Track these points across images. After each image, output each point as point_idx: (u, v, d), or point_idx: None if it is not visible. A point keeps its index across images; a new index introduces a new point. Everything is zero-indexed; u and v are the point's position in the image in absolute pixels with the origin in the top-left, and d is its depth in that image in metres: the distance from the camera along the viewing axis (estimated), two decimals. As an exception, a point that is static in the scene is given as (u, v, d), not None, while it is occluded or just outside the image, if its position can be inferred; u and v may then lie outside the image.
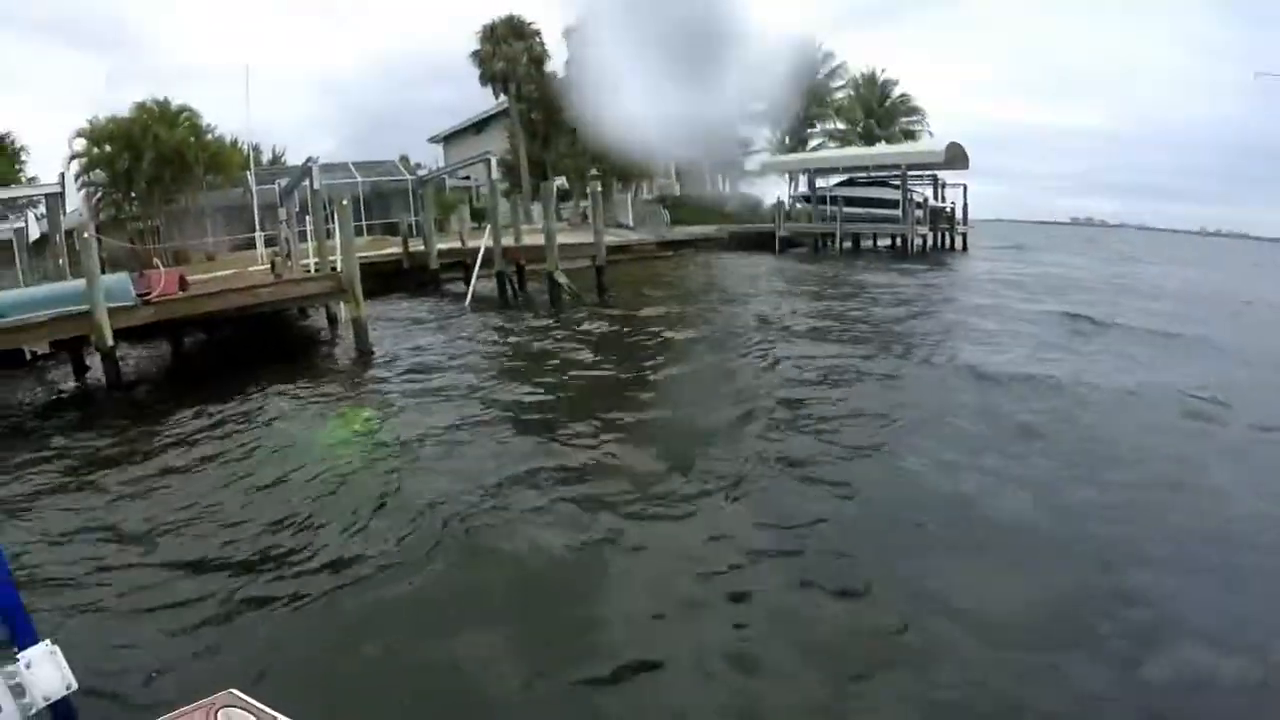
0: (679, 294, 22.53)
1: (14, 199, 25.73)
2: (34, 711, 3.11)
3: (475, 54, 39.02)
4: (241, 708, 2.11)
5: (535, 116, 39.43)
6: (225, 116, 41.62)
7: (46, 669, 3.15)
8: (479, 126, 43.58)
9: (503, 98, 39.82)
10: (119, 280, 13.85)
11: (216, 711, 2.08)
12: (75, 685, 3.21)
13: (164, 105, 30.23)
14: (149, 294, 13.77)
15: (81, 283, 13.28)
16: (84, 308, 12.91)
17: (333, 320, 17.80)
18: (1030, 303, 19.61)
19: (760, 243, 35.96)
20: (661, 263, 31.04)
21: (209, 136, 31.25)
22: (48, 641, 3.26)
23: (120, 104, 30.81)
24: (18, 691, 3.08)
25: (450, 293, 22.77)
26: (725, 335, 15.67)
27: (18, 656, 3.16)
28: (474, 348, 15.52)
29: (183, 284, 14.78)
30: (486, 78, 39.19)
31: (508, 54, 38.23)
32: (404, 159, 39.89)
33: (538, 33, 39.39)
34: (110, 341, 12.83)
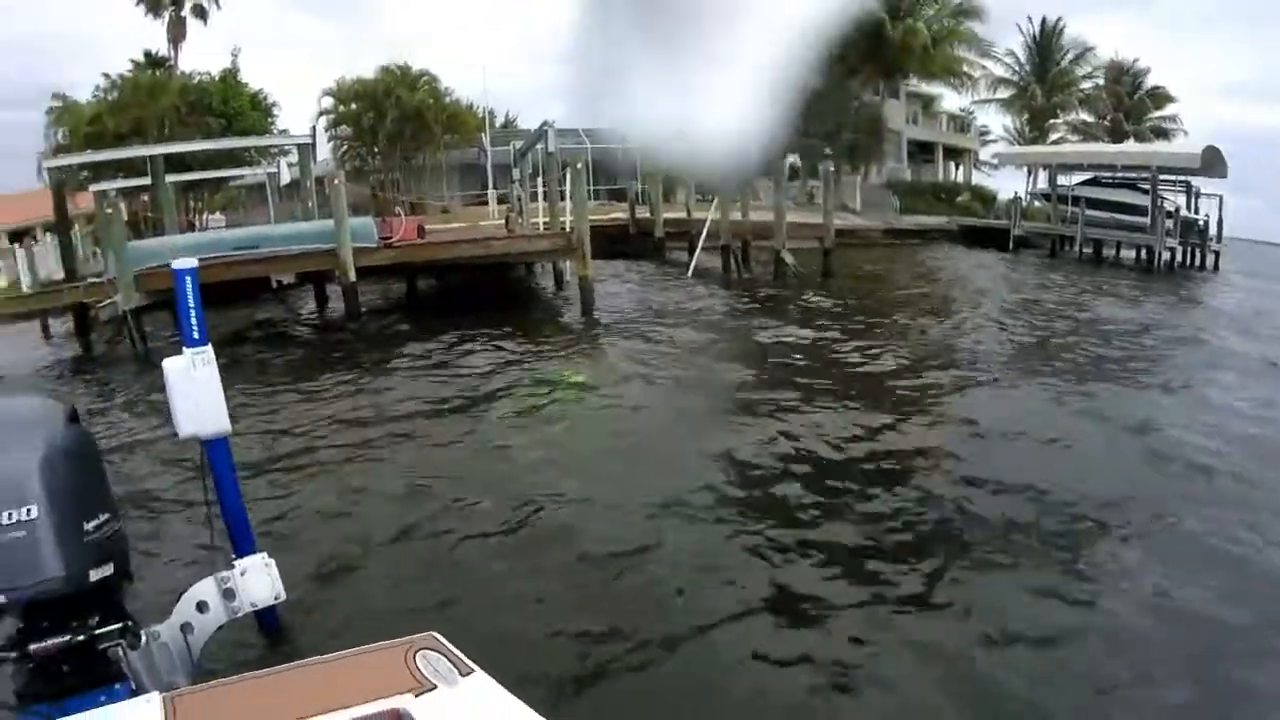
0: (906, 287, 21.01)
1: (268, 147, 27.70)
2: (240, 614, 3.29)
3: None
4: (441, 652, 2.04)
5: (765, 90, 38.43)
6: (462, 81, 43.32)
7: (258, 578, 3.31)
8: (709, 98, 42.96)
9: (740, 69, 39.13)
10: (364, 224, 14.63)
11: (416, 652, 2.03)
12: (283, 596, 3.35)
13: (405, 69, 31.97)
14: (390, 238, 14.51)
15: (330, 223, 14.05)
16: (330, 246, 13.66)
17: (559, 278, 17.94)
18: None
19: (992, 239, 32.67)
20: (887, 251, 29.39)
21: (447, 100, 32.60)
22: (264, 554, 3.41)
23: (361, 67, 32.79)
24: (228, 595, 3.25)
25: (673, 261, 22.53)
26: (958, 341, 14.09)
27: (234, 563, 3.35)
28: (694, 316, 15.15)
29: (421, 232, 15.39)
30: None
31: (744, 26, 37.48)
32: None
33: (775, 6, 38.37)
34: (353, 277, 13.68)
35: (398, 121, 30.77)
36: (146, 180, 22.31)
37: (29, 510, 2.73)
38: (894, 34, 33.17)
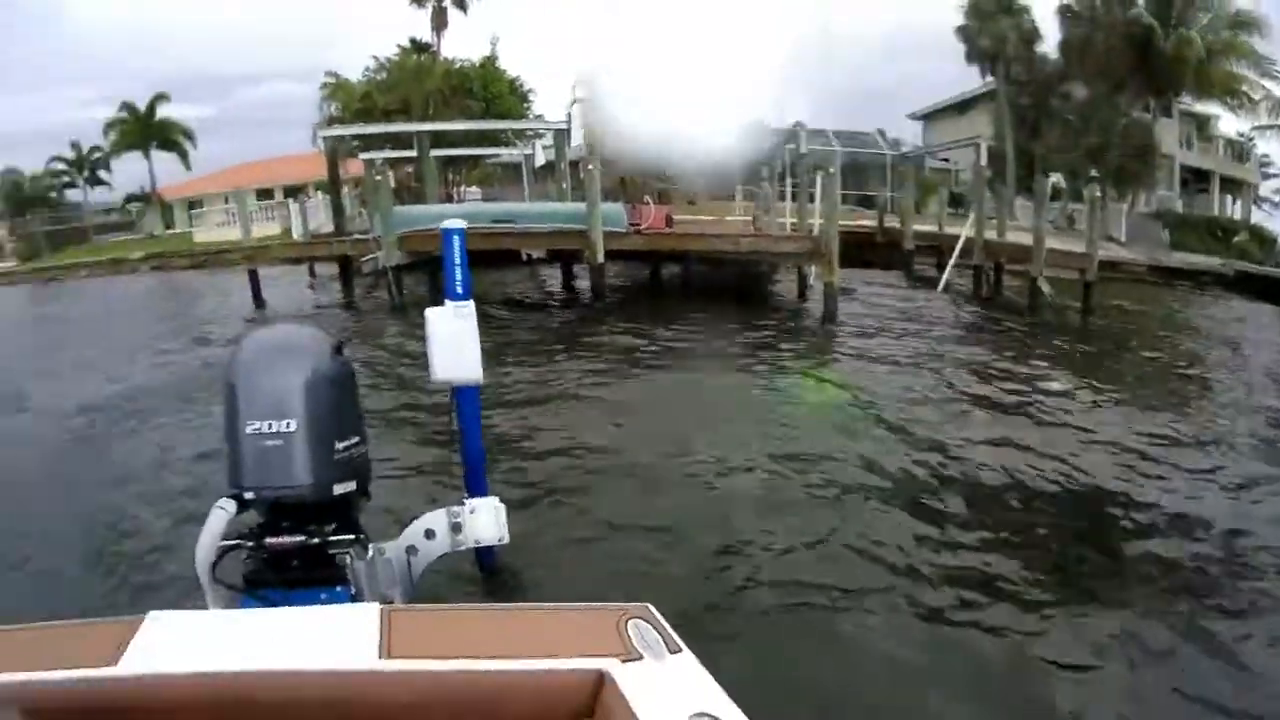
0: (1174, 339, 17.39)
1: (523, 130, 29.01)
2: (463, 548, 3.49)
3: (961, 29, 35.59)
4: (653, 624, 1.99)
5: (1024, 101, 34.93)
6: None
7: (487, 518, 3.49)
8: (962, 107, 39.58)
9: (989, 78, 35.95)
10: (615, 209, 14.96)
11: (628, 619, 1.98)
12: (506, 540, 3.50)
13: None
14: (639, 225, 14.66)
15: (583, 206, 14.41)
16: (582, 227, 14.00)
17: (802, 281, 17.40)
18: None
19: (1275, 292, 28.18)
20: (1153, 290, 25.92)
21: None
22: (496, 498, 3.59)
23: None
24: (456, 528, 3.43)
25: (921, 276, 21.35)
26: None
27: (466, 501, 3.54)
28: (943, 336, 14.27)
29: (669, 221, 15.46)
30: (973, 55, 35.76)
31: (995, 31, 33.94)
32: (880, 132, 38.47)
33: (1026, 8, 34.53)
34: (601, 259, 14.04)
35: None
36: (410, 153, 24.14)
37: (289, 424, 3.07)
38: (1165, 44, 29.77)
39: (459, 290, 3.81)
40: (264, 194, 31.60)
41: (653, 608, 2.03)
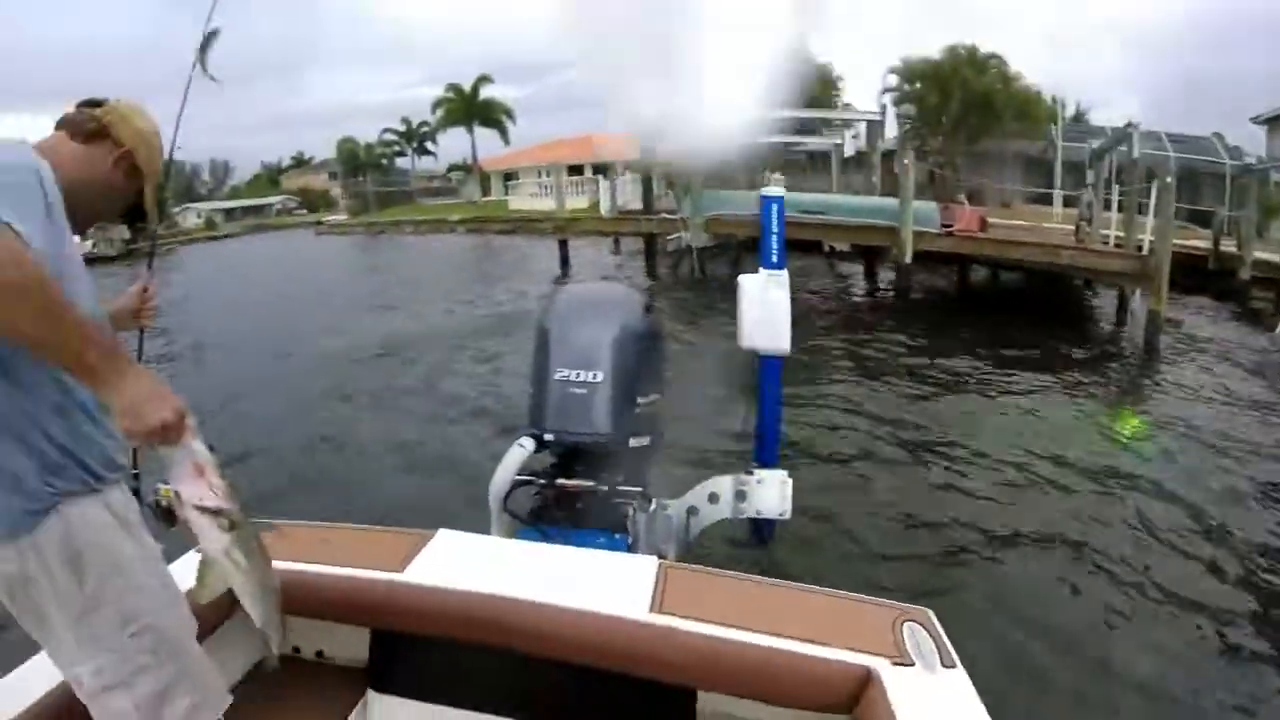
0: None
1: (831, 120, 28.60)
2: (743, 516, 3.50)
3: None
4: (930, 632, 1.91)
5: None
6: (1027, 66, 40.14)
7: (772, 490, 3.46)
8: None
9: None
10: (927, 208, 14.45)
11: (905, 621, 1.94)
12: (788, 515, 3.47)
13: (972, 50, 30.26)
14: (951, 226, 14.06)
15: (894, 201, 14.05)
16: (892, 224, 13.66)
17: (1122, 304, 15.89)
18: None
19: None
20: None
21: (1015, 85, 30.54)
22: (785, 472, 3.53)
23: (926, 46, 31.91)
24: (740, 496, 3.46)
25: (1257, 312, 18.66)
26: None
27: (754, 471, 3.52)
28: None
29: (982, 224, 14.76)
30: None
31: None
32: (1218, 136, 33.68)
33: None
34: (909, 258, 13.48)
35: (963, 104, 29.50)
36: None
37: (596, 375, 3.21)
38: None
39: (774, 259, 3.76)
40: (574, 170, 33.18)
41: (932, 614, 1.99)
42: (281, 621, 1.62)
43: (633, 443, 3.27)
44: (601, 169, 29.35)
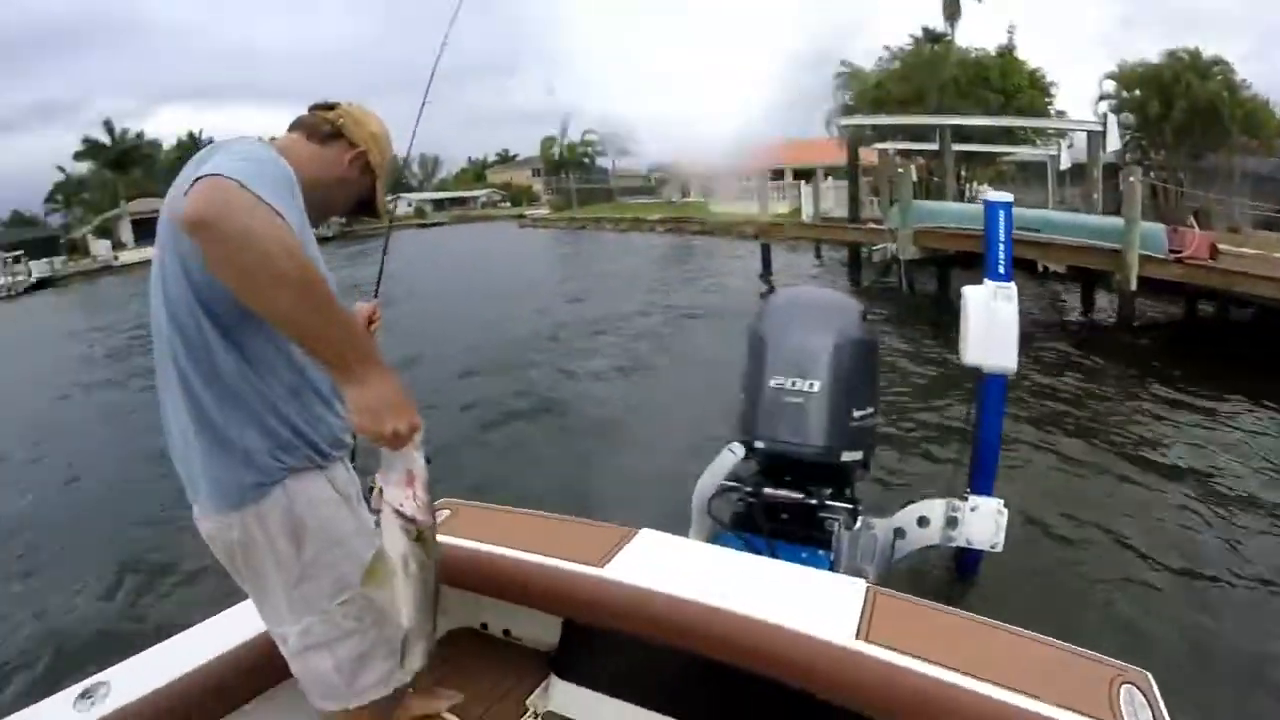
0: None
1: (1043, 128, 27.16)
2: (951, 544, 3.39)
3: None
4: (1149, 700, 1.77)
5: None
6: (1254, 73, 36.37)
7: (986, 520, 3.35)
8: None
9: None
10: (1153, 230, 13.43)
11: (1123, 683, 1.82)
12: (999, 548, 3.35)
13: (1195, 55, 27.70)
14: (1180, 252, 13.07)
15: (1118, 221, 13.22)
16: (1114, 245, 12.90)
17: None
18: None
19: None
20: None
21: (1242, 94, 27.70)
22: (1001, 501, 3.39)
23: (1144, 50, 29.63)
24: (951, 523, 3.36)
25: None
26: None
27: (969, 497, 3.41)
28: None
29: (1213, 251, 13.63)
30: None
31: None
32: None
33: None
34: (1134, 286, 12.63)
35: (1186, 114, 27.11)
36: (924, 145, 23.95)
37: (812, 384, 3.16)
38: None
39: (1001, 269, 3.55)
40: (774, 174, 32.92)
41: (1151, 678, 1.85)
42: (429, 642, 1.64)
43: (844, 457, 3.19)
44: (804, 174, 29.25)
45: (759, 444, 3.22)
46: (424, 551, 1.49)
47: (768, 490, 3.20)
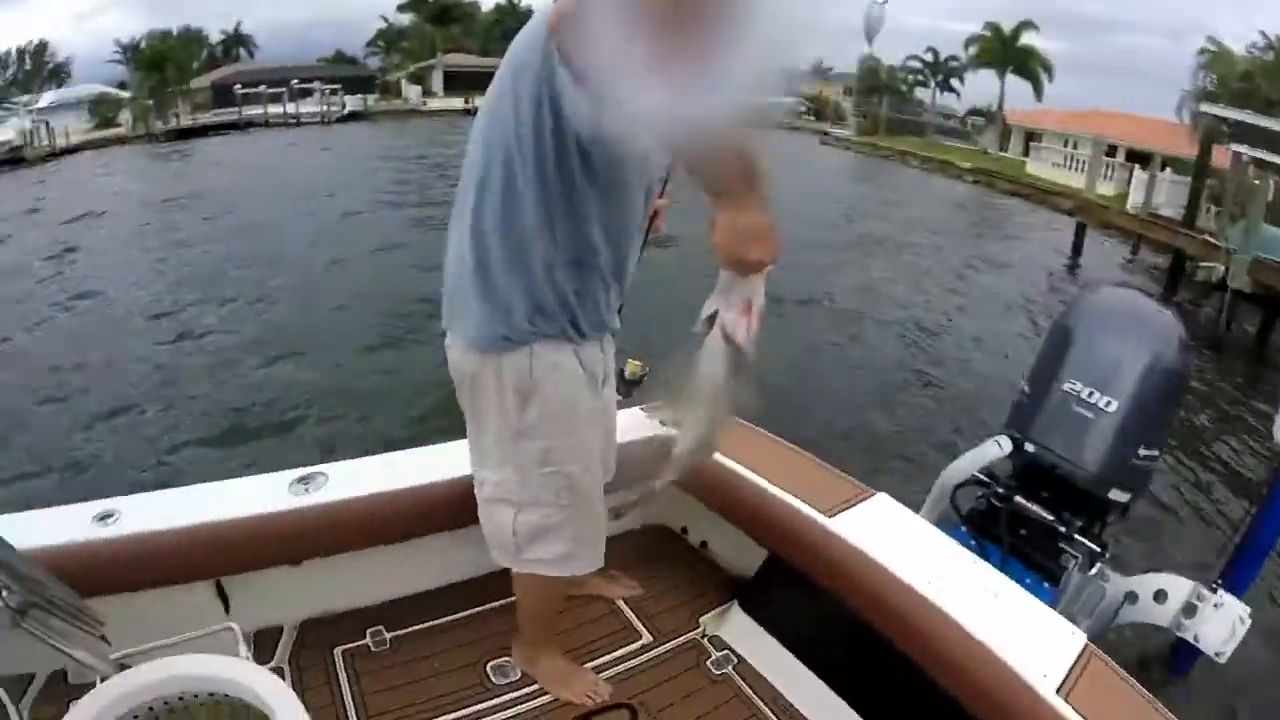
0: None
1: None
2: (1176, 632, 2.94)
3: None
4: None
5: None
6: None
7: (1223, 622, 2.86)
8: None
9: None
10: None
11: None
12: (1224, 657, 2.88)
13: None
14: None
15: None
16: None
17: None
18: None
19: None
20: None
21: None
22: (1247, 609, 2.90)
23: None
24: (1188, 610, 2.92)
25: None
26: None
27: (1217, 589, 2.93)
28: None
29: None
30: None
31: None
32: None
33: None
34: None
35: None
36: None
37: (1109, 402, 2.82)
38: None
39: None
40: (1107, 150, 29.85)
41: None
42: (692, 457, 1.60)
43: (1112, 494, 2.85)
44: (1140, 157, 26.56)
45: (1029, 446, 2.93)
46: (734, 384, 1.46)
47: (1020, 499, 2.93)
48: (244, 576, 2.14)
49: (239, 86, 46.84)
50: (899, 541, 2.17)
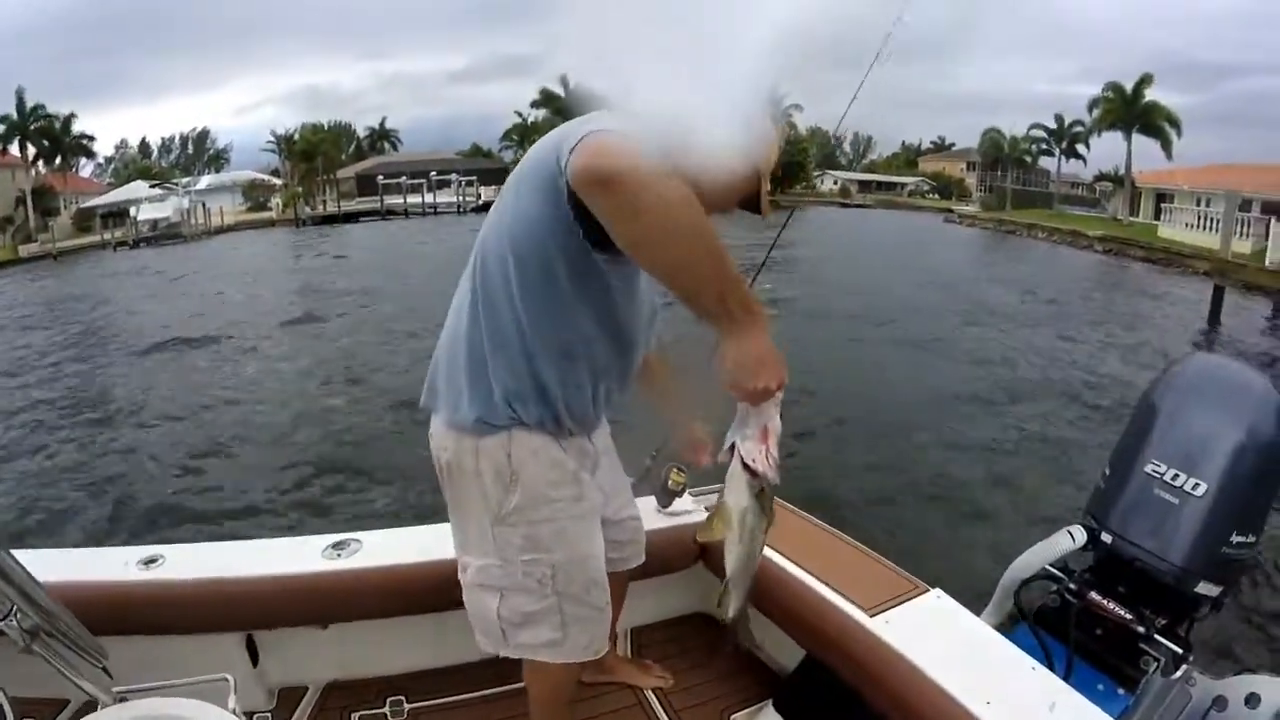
0: None
1: None
2: None
3: None
4: None
5: None
6: None
7: None
8: None
9: None
10: None
11: None
12: None
13: None
14: None
15: None
16: None
17: None
18: None
19: None
20: None
21: None
22: None
23: None
24: (1220, 704, 2.52)
25: None
26: None
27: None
28: None
29: None
30: None
31: None
32: None
33: None
34: None
35: None
36: None
37: (1197, 485, 2.51)
38: None
39: None
40: (1241, 205, 28.38)
41: None
42: (743, 600, 1.60)
43: (1199, 588, 2.52)
44: (1277, 209, 24.92)
45: (1105, 537, 2.65)
46: (761, 509, 1.46)
47: (1094, 596, 2.62)
48: (275, 634, 2.23)
49: (381, 177, 50.24)
50: (947, 645, 2.02)
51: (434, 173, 51.44)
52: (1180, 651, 2.54)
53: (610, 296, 1.55)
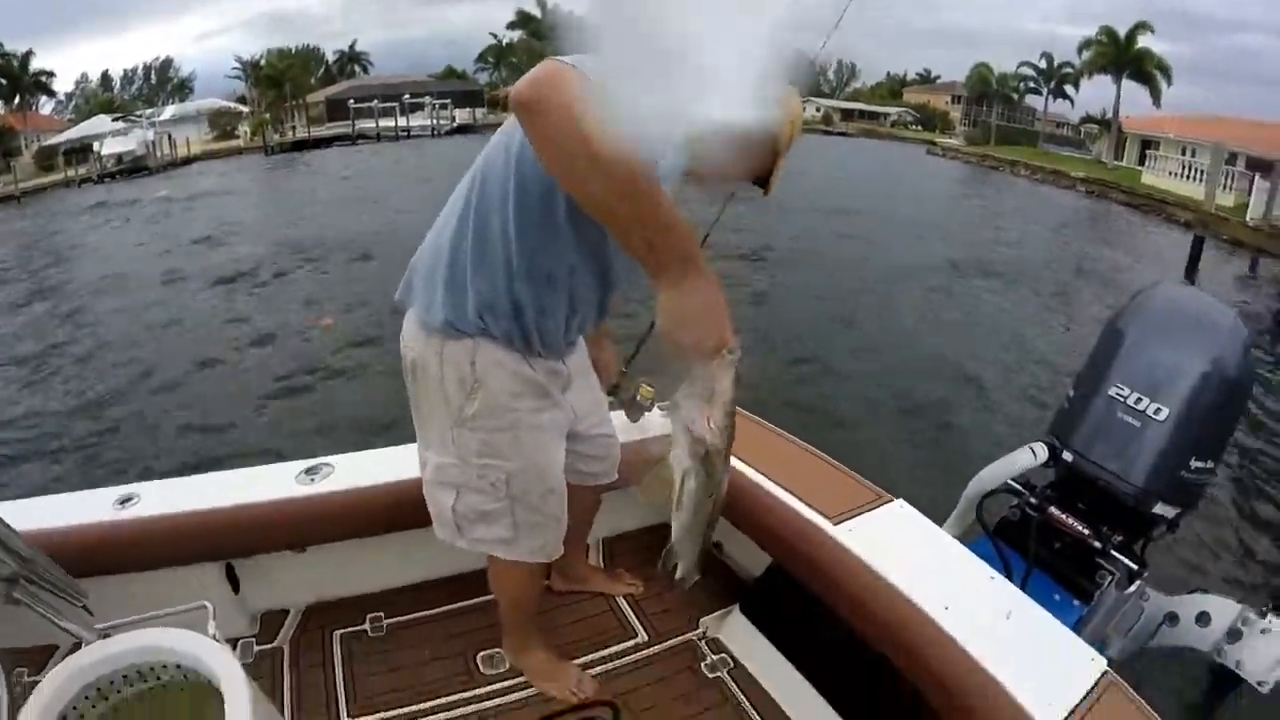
0: None
1: None
2: (1218, 660, 2.67)
3: None
4: None
5: None
6: None
7: (1271, 651, 2.58)
8: None
9: None
10: None
11: None
12: (1267, 689, 2.60)
13: None
14: None
15: None
16: None
17: None
18: None
19: None
20: None
21: None
22: None
23: None
24: (1232, 634, 2.65)
25: None
26: None
27: (1267, 613, 2.66)
28: None
29: None
30: None
31: None
32: None
33: None
34: None
35: None
36: None
37: (1159, 410, 2.58)
38: None
39: None
40: (1228, 157, 28.42)
41: None
42: (691, 562, 1.52)
43: (1157, 508, 2.59)
44: (1261, 164, 25.07)
45: (1067, 455, 2.71)
46: (706, 473, 1.34)
47: (1053, 511, 2.70)
48: (254, 561, 2.24)
49: (352, 101, 49.06)
50: (908, 553, 2.07)
51: (407, 95, 50.35)
52: (1135, 568, 2.63)
53: (603, 233, 1.45)
